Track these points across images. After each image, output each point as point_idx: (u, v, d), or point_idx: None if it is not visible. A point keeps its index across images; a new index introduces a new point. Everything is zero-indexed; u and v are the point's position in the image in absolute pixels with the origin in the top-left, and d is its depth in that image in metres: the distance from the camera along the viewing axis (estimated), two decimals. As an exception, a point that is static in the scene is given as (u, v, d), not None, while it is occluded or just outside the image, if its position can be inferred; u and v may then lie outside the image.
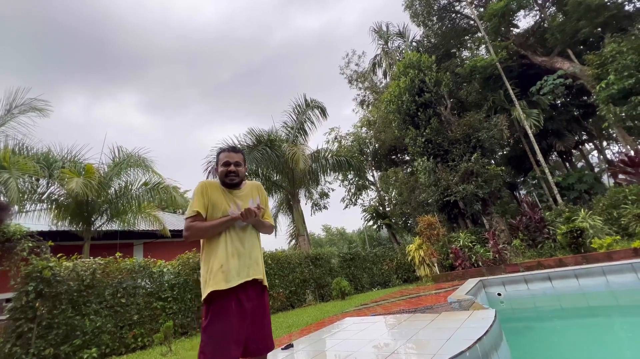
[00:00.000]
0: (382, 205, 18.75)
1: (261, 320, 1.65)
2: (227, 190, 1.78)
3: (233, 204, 1.73)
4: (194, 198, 1.69)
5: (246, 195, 1.81)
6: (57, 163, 8.79)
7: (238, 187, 1.81)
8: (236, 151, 1.85)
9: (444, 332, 2.73)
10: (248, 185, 1.88)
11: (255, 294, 1.65)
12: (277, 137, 12.29)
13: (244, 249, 1.65)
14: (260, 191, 1.91)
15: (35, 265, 4.95)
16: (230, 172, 1.76)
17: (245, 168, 1.87)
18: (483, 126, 11.40)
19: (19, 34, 55.69)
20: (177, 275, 6.63)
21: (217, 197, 1.71)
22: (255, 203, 1.81)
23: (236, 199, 1.76)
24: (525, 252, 8.64)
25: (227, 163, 1.78)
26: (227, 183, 1.77)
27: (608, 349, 3.03)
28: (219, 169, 1.80)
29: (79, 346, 4.95)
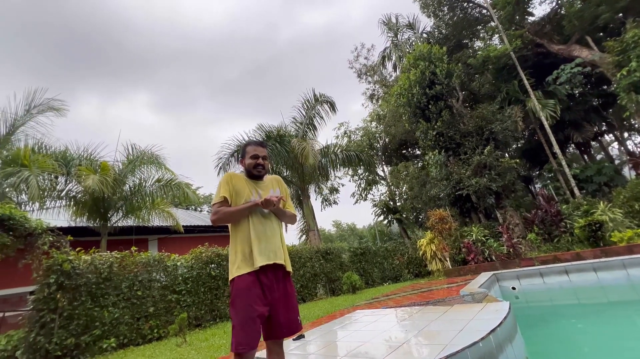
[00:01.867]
0: (392, 200, 18.61)
1: (284, 304, 1.71)
2: (250, 181, 1.90)
3: (255, 192, 1.84)
4: (221, 186, 1.81)
5: (267, 186, 1.92)
6: (74, 161, 9.07)
7: (261, 179, 1.94)
8: (263, 145, 1.99)
9: (456, 324, 2.70)
10: (269, 178, 1.99)
11: (275, 278, 1.72)
12: (286, 132, 12.31)
13: (265, 235, 1.75)
14: (280, 183, 2.02)
15: (56, 259, 5.13)
16: (259, 165, 1.89)
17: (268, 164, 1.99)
18: (496, 118, 11.12)
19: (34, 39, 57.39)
20: (190, 269, 6.77)
21: (241, 186, 1.84)
22: (275, 193, 1.90)
23: (259, 190, 1.87)
24: (540, 246, 8.43)
25: (256, 156, 1.89)
26: (255, 175, 1.90)
27: (627, 343, 2.94)
28: (246, 161, 1.92)
29: (98, 336, 5.13)
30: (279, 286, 1.72)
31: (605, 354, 2.76)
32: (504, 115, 11.25)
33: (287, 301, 1.73)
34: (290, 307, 1.74)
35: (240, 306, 1.60)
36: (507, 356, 2.33)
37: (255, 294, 1.62)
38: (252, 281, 1.64)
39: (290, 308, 1.74)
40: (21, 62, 56.05)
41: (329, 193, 19.45)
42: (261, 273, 1.67)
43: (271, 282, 1.69)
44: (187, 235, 12.61)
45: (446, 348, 2.08)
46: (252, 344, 1.55)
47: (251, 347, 1.55)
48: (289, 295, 1.76)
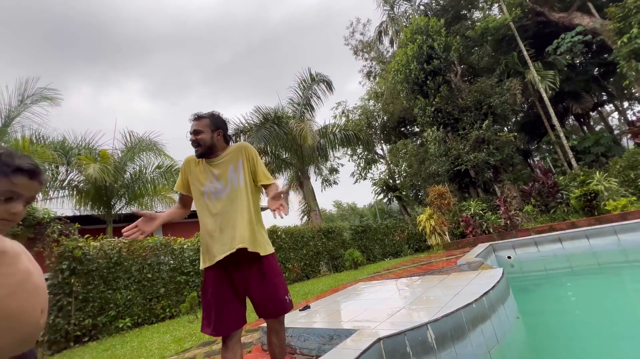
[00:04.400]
0: (392, 178, 18.74)
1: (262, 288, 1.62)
2: (204, 161, 1.70)
3: (209, 175, 1.67)
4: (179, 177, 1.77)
5: (225, 162, 1.68)
6: (73, 151, 9.09)
7: (213, 155, 1.69)
8: (196, 118, 1.69)
9: (452, 289, 2.86)
10: (230, 150, 1.72)
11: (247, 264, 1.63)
12: (283, 113, 12.23)
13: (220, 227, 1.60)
14: (245, 152, 1.72)
15: (66, 245, 5.31)
16: (192, 141, 1.66)
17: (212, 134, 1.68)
18: (495, 91, 11.02)
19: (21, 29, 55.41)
20: (196, 251, 6.97)
21: (195, 171, 1.70)
22: (237, 169, 1.68)
23: (213, 169, 1.67)
24: (537, 217, 8.63)
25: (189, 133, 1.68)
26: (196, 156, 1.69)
27: (615, 300, 3.13)
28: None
29: (113, 317, 5.40)
30: (249, 269, 1.62)
31: (593, 312, 2.95)
32: (503, 88, 11.14)
33: (263, 281, 1.63)
34: (268, 287, 1.63)
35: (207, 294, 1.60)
36: (499, 316, 2.50)
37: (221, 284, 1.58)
38: (216, 271, 1.59)
39: (267, 287, 1.63)
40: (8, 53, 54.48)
41: (329, 173, 19.56)
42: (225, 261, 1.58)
43: (242, 269, 1.62)
44: (192, 219, 12.82)
45: (442, 310, 2.23)
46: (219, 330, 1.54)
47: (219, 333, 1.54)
48: (266, 276, 1.63)
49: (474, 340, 2.13)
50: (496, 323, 2.39)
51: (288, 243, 8.73)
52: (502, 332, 2.40)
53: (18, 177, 0.76)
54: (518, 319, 2.80)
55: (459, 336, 2.07)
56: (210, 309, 1.58)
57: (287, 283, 8.15)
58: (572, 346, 2.38)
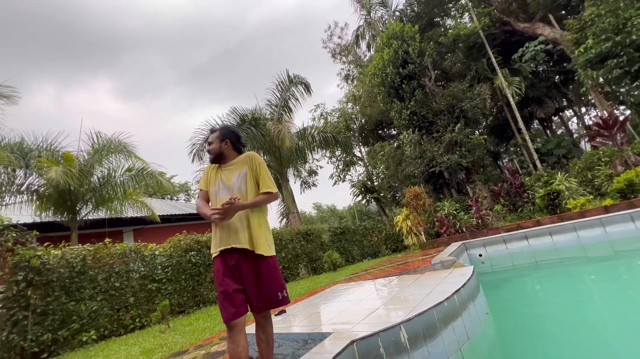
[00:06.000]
0: (370, 180, 19.02)
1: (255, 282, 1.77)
2: (217, 166, 2.03)
3: (218, 179, 1.96)
4: (202, 176, 2.06)
5: (232, 169, 1.97)
6: (32, 153, 8.48)
7: (224, 162, 2.02)
8: (213, 131, 2.09)
9: (425, 288, 2.92)
10: (239, 158, 2.03)
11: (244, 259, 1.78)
12: (261, 115, 12.08)
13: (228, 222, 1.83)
14: (250, 162, 1.98)
15: (22, 255, 4.90)
16: (207, 152, 2.06)
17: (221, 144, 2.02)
18: (466, 96, 11.48)
19: (-28, 16, 51.02)
20: (169, 257, 6.69)
21: (211, 175, 2.01)
22: (240, 176, 1.92)
23: (222, 174, 1.97)
24: (506, 216, 9.05)
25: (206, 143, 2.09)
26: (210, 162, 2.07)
27: (575, 292, 3.32)
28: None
29: (77, 330, 5.04)
30: (247, 266, 1.78)
31: (557, 305, 3.12)
32: (474, 93, 11.63)
33: (259, 280, 1.78)
34: (264, 285, 1.78)
35: (217, 280, 1.79)
36: (470, 313, 2.58)
37: (223, 273, 1.76)
38: (221, 262, 1.79)
39: (263, 285, 1.78)
40: (-42, 44, 50.01)
41: (308, 175, 19.55)
42: (226, 254, 1.79)
43: (237, 263, 1.77)
44: (164, 224, 12.34)
45: (415, 309, 2.27)
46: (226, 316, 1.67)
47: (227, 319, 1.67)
48: (262, 275, 1.78)
49: (445, 338, 2.17)
50: (467, 319, 2.46)
51: (266, 247, 8.59)
52: (472, 328, 2.47)
53: None
54: (487, 315, 2.90)
55: (431, 335, 2.11)
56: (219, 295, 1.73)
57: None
58: (538, 340, 2.49)
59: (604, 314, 2.77)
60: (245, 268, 1.78)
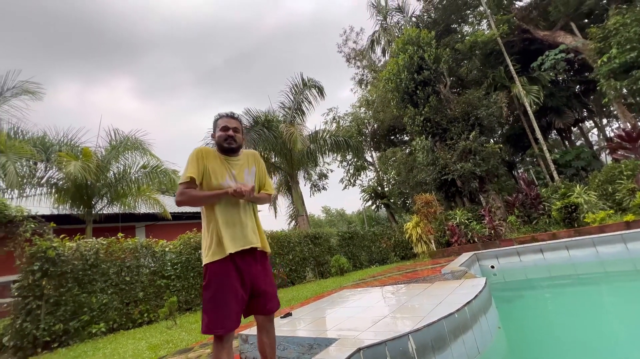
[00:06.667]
0: (380, 185, 18.86)
1: (264, 282, 1.70)
2: (223, 157, 1.77)
3: (228, 173, 1.73)
4: (188, 164, 1.67)
5: (242, 164, 1.81)
6: (53, 147, 8.77)
7: (235, 154, 1.81)
8: (235, 117, 1.84)
9: (435, 298, 2.85)
10: (244, 154, 1.87)
11: (253, 259, 1.70)
12: (274, 117, 12.18)
13: (237, 219, 1.68)
14: (257, 160, 1.90)
15: (39, 246, 5.06)
16: (229, 137, 1.76)
17: (242, 137, 1.86)
18: (482, 104, 11.29)
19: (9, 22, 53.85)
20: (179, 254, 6.78)
21: (213, 164, 1.71)
22: (250, 173, 1.82)
23: (231, 168, 1.76)
24: (520, 228, 8.80)
25: (226, 127, 1.77)
26: (225, 148, 1.76)
27: (592, 312, 3.18)
28: (216, 134, 1.79)
29: (87, 322, 5.15)
30: (258, 267, 1.71)
31: (573, 322, 2.99)
32: (490, 101, 11.43)
33: (266, 277, 1.73)
34: (269, 283, 1.74)
35: (215, 288, 1.57)
36: (481, 326, 2.50)
37: (232, 277, 1.59)
38: (228, 266, 1.60)
39: (269, 283, 1.74)
40: (-10, 42, 52.72)
41: (318, 179, 19.55)
42: (237, 256, 1.63)
43: (248, 264, 1.66)
44: (175, 221, 12.54)
45: (424, 319, 2.21)
46: (227, 326, 1.53)
47: (227, 329, 1.53)
48: (268, 272, 1.76)
49: (455, 351, 2.11)
50: (478, 333, 2.39)
51: (274, 248, 8.60)
52: (483, 342, 2.39)
53: None
54: (500, 329, 2.80)
55: (440, 347, 2.05)
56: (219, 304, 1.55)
57: (272, 289, 8.00)
58: (552, 357, 2.39)
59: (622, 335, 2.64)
60: (256, 270, 1.69)
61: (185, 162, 1.70)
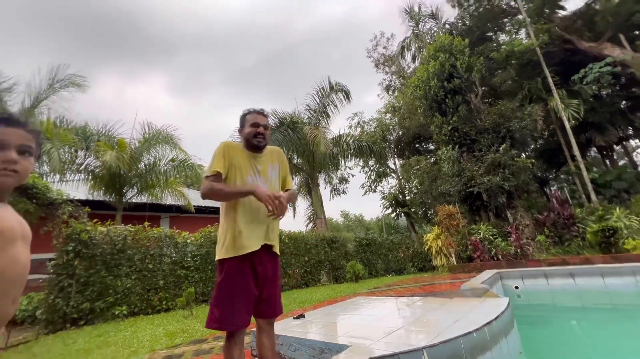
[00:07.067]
0: (402, 194, 18.50)
1: (272, 285, 1.70)
2: (248, 152, 1.76)
3: (253, 168, 1.73)
4: (215, 158, 1.67)
5: (266, 161, 1.80)
6: (93, 137, 9.37)
7: (261, 151, 1.79)
8: (264, 114, 1.83)
9: (453, 315, 2.75)
10: (269, 150, 1.86)
11: (268, 259, 1.70)
12: (299, 119, 12.33)
13: (259, 216, 1.66)
14: (280, 157, 1.90)
15: (74, 228, 5.41)
16: (259, 134, 1.74)
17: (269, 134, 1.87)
18: (515, 116, 10.81)
19: (59, 20, 58.51)
20: (199, 247, 7.00)
21: (239, 159, 1.71)
22: (274, 169, 1.83)
23: (257, 163, 1.75)
24: (549, 249, 8.31)
25: (256, 124, 1.75)
26: (254, 145, 1.74)
27: (627, 344, 2.93)
28: (245, 130, 1.77)
29: (111, 303, 5.43)
30: (269, 266, 1.70)
31: (602, 354, 2.77)
32: (524, 113, 10.92)
33: (275, 280, 1.73)
34: (277, 286, 1.74)
35: (230, 285, 1.56)
36: (501, 348, 2.38)
37: (247, 275, 1.59)
38: (245, 263, 1.60)
39: (277, 287, 1.74)
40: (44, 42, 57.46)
41: (339, 182, 19.50)
42: (254, 255, 1.62)
43: (263, 263, 1.66)
44: (198, 215, 12.95)
45: (440, 335, 2.14)
46: (240, 323, 1.53)
47: (239, 326, 1.53)
48: (277, 277, 1.75)
49: (471, 372, 2.02)
50: (497, 355, 2.27)
51: (290, 249, 8.66)
52: (502, 366, 2.27)
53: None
54: (521, 354, 2.65)
55: (456, 366, 1.97)
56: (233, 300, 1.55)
57: (286, 289, 8.07)
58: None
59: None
60: (269, 269, 1.69)
61: (212, 156, 1.70)
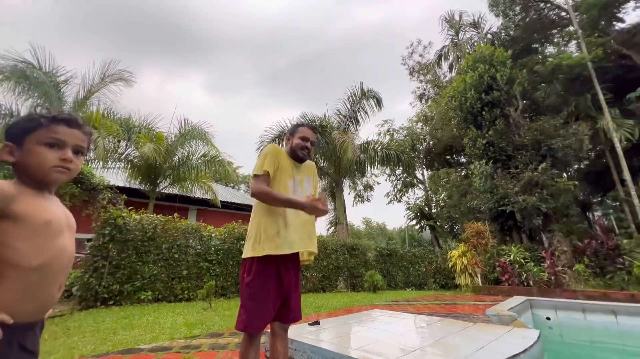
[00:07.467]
0: (428, 206, 17.96)
1: (294, 290, 1.73)
2: (291, 160, 1.85)
3: (294, 175, 1.82)
4: (267, 158, 1.72)
5: (303, 172, 1.90)
6: (134, 129, 9.99)
7: (302, 162, 1.91)
8: (315, 131, 1.96)
9: (476, 341, 2.60)
10: (307, 164, 1.96)
11: (293, 264, 1.74)
12: (328, 123, 12.37)
13: (298, 220, 1.71)
14: (315, 173, 2.01)
15: (112, 213, 5.78)
16: (306, 148, 1.85)
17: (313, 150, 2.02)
18: (559, 133, 10.13)
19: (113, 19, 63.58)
20: (222, 242, 7.21)
21: (285, 163, 1.79)
22: (309, 181, 1.93)
23: (297, 173, 1.85)
24: (588, 280, 7.66)
25: (306, 138, 1.85)
26: (299, 156, 1.85)
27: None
28: (294, 140, 1.86)
29: (138, 288, 5.73)
30: (294, 272, 1.73)
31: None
32: (569, 131, 10.20)
33: (297, 288, 1.76)
34: (299, 293, 1.78)
35: (260, 286, 1.58)
36: (528, 385, 2.21)
37: (275, 278, 1.62)
38: (274, 264, 1.62)
39: (298, 294, 1.77)
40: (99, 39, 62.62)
41: (363, 189, 19.30)
42: (286, 257, 1.65)
43: (288, 268, 1.68)
44: (224, 210, 13.37)
45: (461, 363, 2.03)
46: (262, 327, 1.57)
47: (260, 330, 1.57)
48: (298, 282, 1.79)
49: (493, 406, 1.89)
50: (522, 392, 2.11)
51: (310, 252, 8.66)
52: (528, 405, 2.11)
53: (55, 125, 0.85)
54: (549, 393, 2.45)
55: (476, 398, 1.85)
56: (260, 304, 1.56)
57: (302, 292, 8.06)
58: None
59: None
60: (294, 275, 1.72)
61: (261, 155, 1.76)
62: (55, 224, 0.83)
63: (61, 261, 0.83)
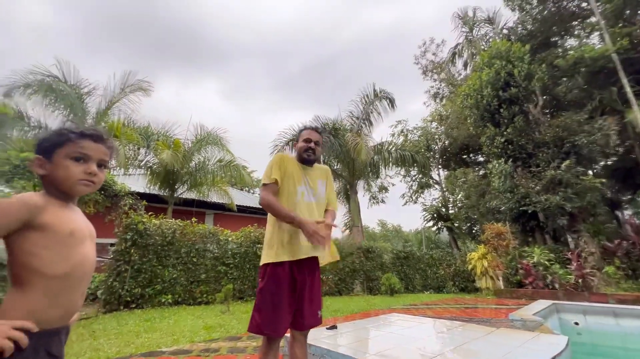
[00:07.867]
0: (445, 207, 17.58)
1: (310, 295, 1.70)
2: (300, 164, 1.87)
3: (304, 179, 1.82)
4: (273, 167, 1.77)
5: (315, 176, 1.89)
6: (153, 136, 10.32)
7: (311, 165, 1.91)
8: (318, 131, 1.95)
9: (500, 347, 2.50)
10: (318, 167, 1.96)
11: (308, 269, 1.71)
12: (341, 125, 12.36)
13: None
14: (328, 176, 1.98)
15: (133, 219, 5.98)
16: (309, 149, 1.85)
17: (320, 150, 1.96)
18: (583, 129, 9.70)
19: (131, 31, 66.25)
20: (239, 245, 7.30)
21: (292, 170, 1.81)
22: (322, 185, 1.91)
23: (307, 176, 1.85)
24: (620, 283, 7.26)
25: (308, 140, 1.87)
26: (304, 159, 1.86)
27: None
28: (298, 144, 1.90)
29: (158, 291, 5.89)
30: (309, 278, 1.71)
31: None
32: (594, 126, 9.74)
33: (312, 294, 1.72)
34: (315, 299, 1.74)
35: (271, 292, 1.61)
36: (557, 394, 2.11)
37: (289, 284, 1.63)
38: (288, 270, 1.64)
39: (314, 300, 1.73)
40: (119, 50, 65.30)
41: (378, 191, 19.11)
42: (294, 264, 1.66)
43: (303, 274, 1.68)
44: (240, 214, 13.56)
45: (485, 370, 1.96)
46: (280, 331, 1.57)
47: (279, 333, 1.56)
48: (316, 288, 1.75)
49: (520, 417, 1.82)
50: (551, 402, 2.02)
51: (325, 255, 8.64)
52: (557, 416, 2.01)
53: (82, 140, 0.89)
54: (581, 404, 2.32)
55: (502, 407, 1.78)
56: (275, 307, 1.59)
57: (318, 295, 8.05)
58: None
59: None
60: (308, 281, 1.70)
61: (269, 165, 1.81)
62: (78, 233, 0.86)
63: (84, 269, 0.86)
